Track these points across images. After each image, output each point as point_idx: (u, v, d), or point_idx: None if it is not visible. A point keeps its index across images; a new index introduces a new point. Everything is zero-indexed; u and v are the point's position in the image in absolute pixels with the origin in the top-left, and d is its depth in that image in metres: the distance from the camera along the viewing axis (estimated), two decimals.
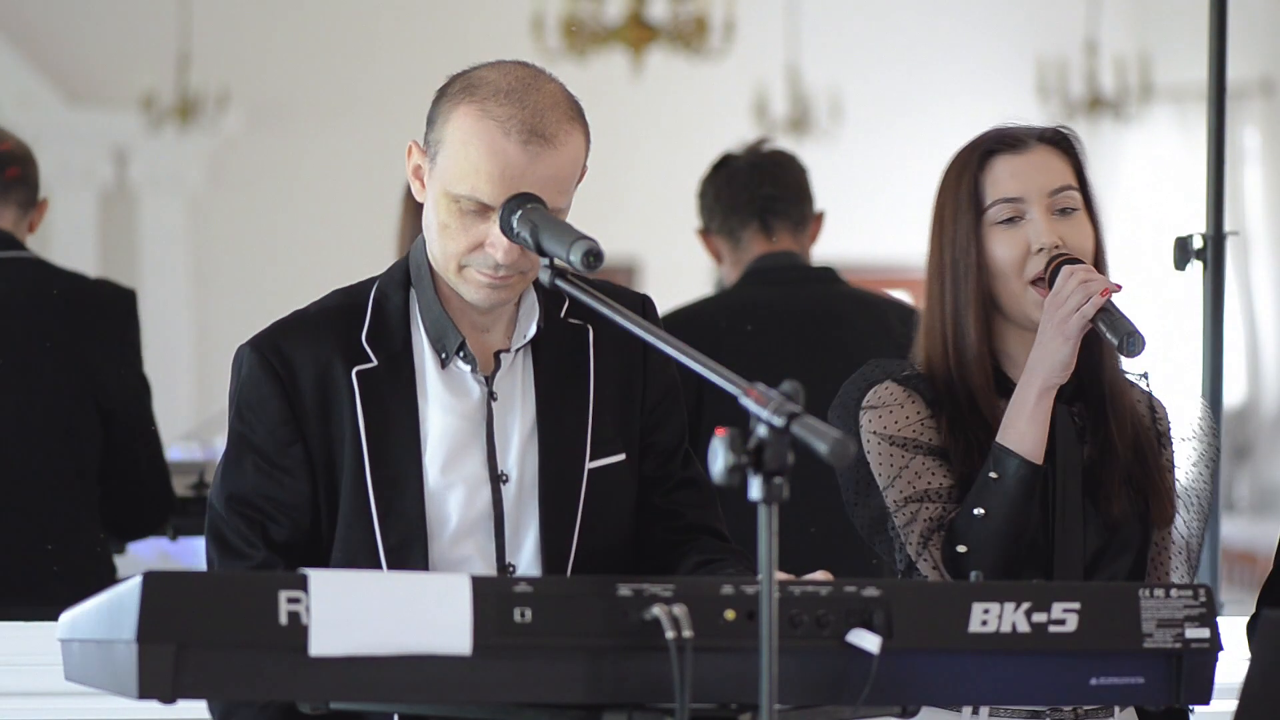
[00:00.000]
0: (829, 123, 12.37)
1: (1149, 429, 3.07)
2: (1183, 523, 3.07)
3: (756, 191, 4.47)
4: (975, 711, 2.95)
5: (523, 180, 2.64)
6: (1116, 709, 2.98)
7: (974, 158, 3.04)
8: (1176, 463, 3.09)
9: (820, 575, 2.51)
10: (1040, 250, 2.98)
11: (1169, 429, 3.10)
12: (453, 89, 2.71)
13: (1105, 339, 2.93)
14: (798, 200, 4.51)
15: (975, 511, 2.91)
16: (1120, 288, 2.97)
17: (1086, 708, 2.96)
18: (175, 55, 11.76)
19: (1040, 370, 2.93)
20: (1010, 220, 3.01)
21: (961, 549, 2.91)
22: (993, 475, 2.92)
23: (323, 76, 12.65)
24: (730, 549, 2.85)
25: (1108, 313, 2.92)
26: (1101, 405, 3.03)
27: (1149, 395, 3.12)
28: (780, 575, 2.46)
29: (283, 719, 2.63)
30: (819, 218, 4.55)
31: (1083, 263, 2.97)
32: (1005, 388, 3.01)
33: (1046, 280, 2.97)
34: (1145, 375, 3.13)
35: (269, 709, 2.65)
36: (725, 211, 4.50)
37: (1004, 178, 3.02)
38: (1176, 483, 3.08)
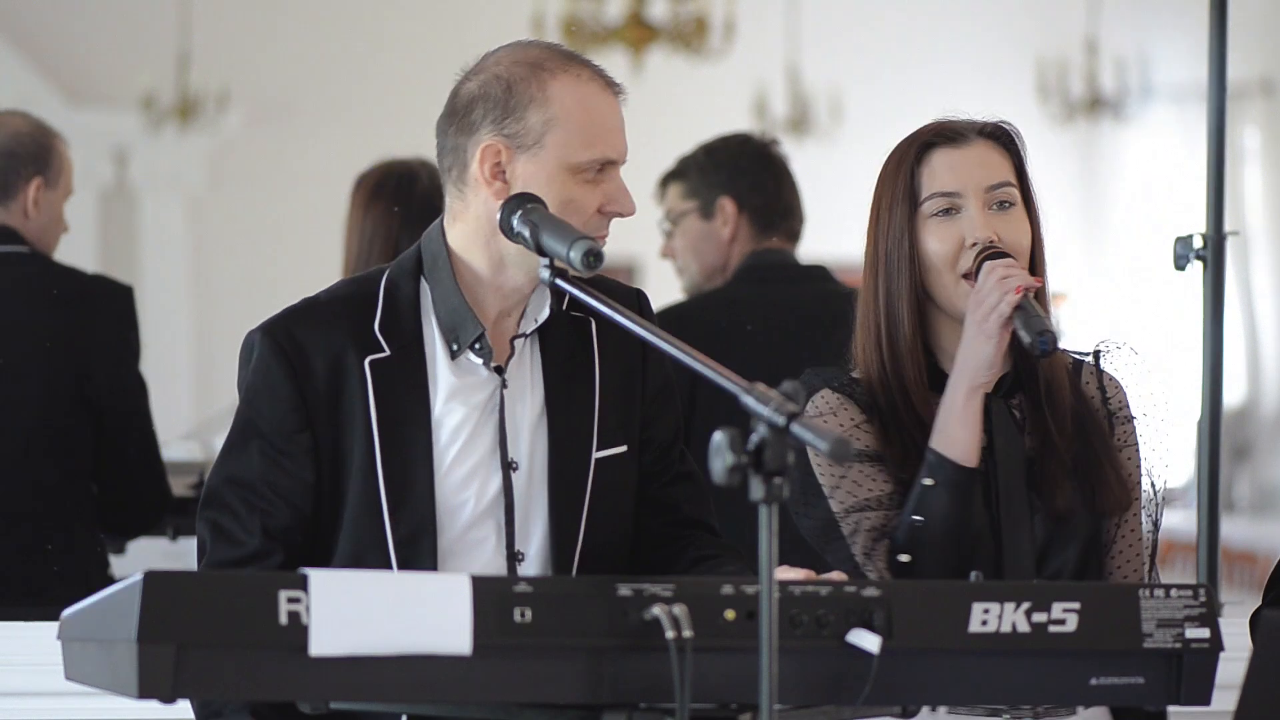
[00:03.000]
0: (829, 123, 12.37)
1: (1097, 411, 3.05)
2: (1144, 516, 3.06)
3: (795, 212, 4.47)
4: (933, 709, 2.93)
5: (621, 127, 2.75)
6: (1079, 708, 2.97)
7: (912, 150, 3.03)
8: (1133, 440, 3.06)
9: (802, 573, 2.51)
10: (974, 245, 2.97)
11: (1124, 406, 3.08)
12: (518, 74, 2.72)
13: (1019, 337, 2.91)
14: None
15: (914, 519, 2.90)
16: (1041, 283, 2.96)
17: (1044, 706, 2.94)
18: (175, 55, 11.76)
19: (966, 371, 2.92)
20: (945, 213, 2.99)
21: (905, 558, 2.90)
22: (927, 481, 2.91)
23: (323, 76, 12.65)
24: (727, 545, 2.86)
25: (1024, 310, 2.90)
26: (1038, 397, 3.01)
27: (1099, 374, 3.09)
28: (785, 573, 2.46)
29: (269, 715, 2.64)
30: None
31: (1008, 257, 2.95)
32: (940, 383, 2.99)
33: (974, 275, 2.96)
34: (1097, 354, 3.11)
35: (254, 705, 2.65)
36: (774, 215, 4.46)
37: (941, 171, 3.00)
38: (1138, 467, 3.06)
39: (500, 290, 2.77)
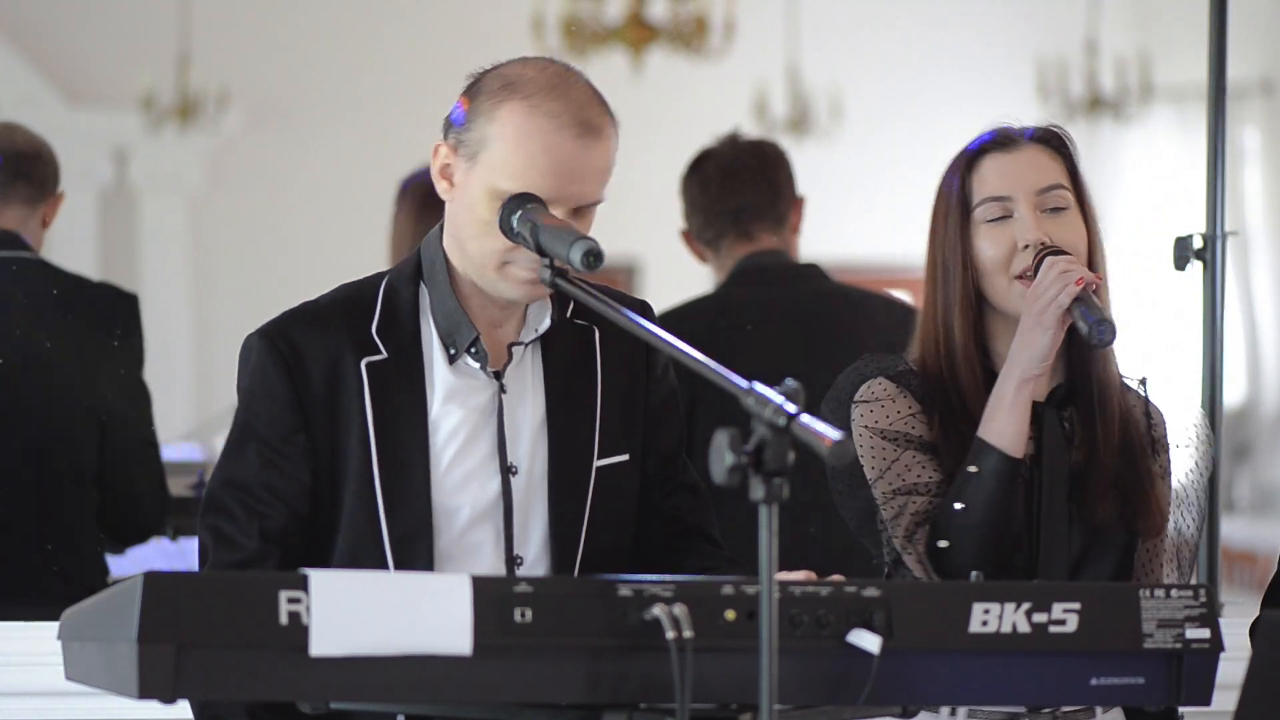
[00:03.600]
0: (829, 123, 12.36)
1: (1143, 435, 3.07)
2: (1182, 524, 3.07)
3: (729, 202, 4.45)
4: (953, 711, 2.94)
5: (575, 174, 2.66)
6: (1099, 709, 2.98)
7: (964, 158, 3.06)
8: (1173, 470, 3.09)
9: (802, 575, 2.52)
10: (1026, 247, 2.99)
11: (1165, 435, 3.10)
12: (489, 87, 2.71)
13: (1077, 327, 2.92)
14: (772, 201, 4.48)
15: (955, 506, 2.92)
16: (1100, 280, 2.97)
17: (1066, 709, 2.96)
18: (175, 55, 11.76)
19: (1018, 361, 2.94)
20: (999, 219, 3.01)
21: (943, 544, 2.92)
22: (972, 469, 2.93)
23: (323, 76, 12.64)
24: (727, 557, 2.86)
25: (1082, 302, 2.92)
26: (1091, 409, 3.02)
27: (1146, 401, 3.11)
28: (786, 575, 2.46)
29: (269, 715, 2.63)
30: (798, 205, 4.53)
31: (1067, 255, 2.97)
32: (992, 386, 3.00)
33: (1033, 273, 2.97)
34: (1144, 381, 3.12)
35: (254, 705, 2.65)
36: (701, 220, 4.50)
37: (991, 176, 3.03)
38: (1176, 484, 3.08)
39: (487, 296, 2.77)
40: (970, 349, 3.01)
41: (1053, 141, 3.06)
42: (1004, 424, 2.93)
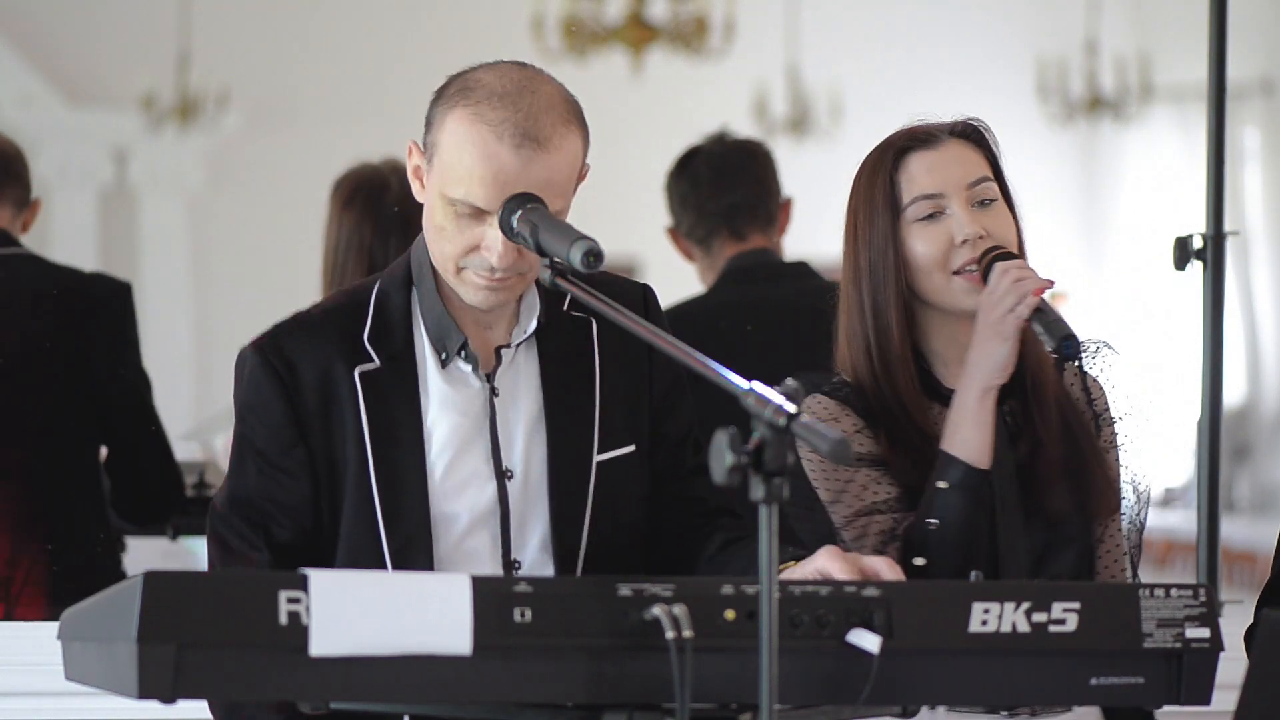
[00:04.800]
0: (829, 123, 12.37)
1: (1083, 413, 3.04)
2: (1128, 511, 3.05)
3: (721, 200, 4.44)
4: (933, 708, 2.92)
5: (516, 184, 2.63)
6: (1074, 707, 2.96)
7: (887, 157, 3.01)
8: (1117, 442, 3.05)
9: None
10: (965, 242, 2.95)
11: (1106, 408, 3.07)
12: (449, 91, 2.71)
13: (1041, 341, 2.89)
14: (763, 200, 4.48)
15: (929, 522, 2.88)
16: (1053, 284, 2.95)
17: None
18: (175, 55, 11.76)
19: (979, 373, 2.91)
20: (931, 216, 2.98)
21: (920, 561, 2.87)
22: (941, 484, 2.89)
23: (323, 76, 12.65)
24: (753, 527, 2.84)
25: (1042, 313, 2.89)
26: (1028, 400, 3.00)
27: (1082, 375, 3.07)
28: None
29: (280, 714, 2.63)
30: (786, 206, 4.53)
31: (1016, 258, 2.94)
32: (931, 388, 2.99)
33: (981, 274, 2.94)
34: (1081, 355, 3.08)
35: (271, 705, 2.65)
36: (693, 219, 4.49)
37: (920, 174, 2.99)
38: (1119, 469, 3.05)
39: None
40: (906, 352, 2.97)
41: (973, 135, 3.03)
42: (969, 435, 2.89)
